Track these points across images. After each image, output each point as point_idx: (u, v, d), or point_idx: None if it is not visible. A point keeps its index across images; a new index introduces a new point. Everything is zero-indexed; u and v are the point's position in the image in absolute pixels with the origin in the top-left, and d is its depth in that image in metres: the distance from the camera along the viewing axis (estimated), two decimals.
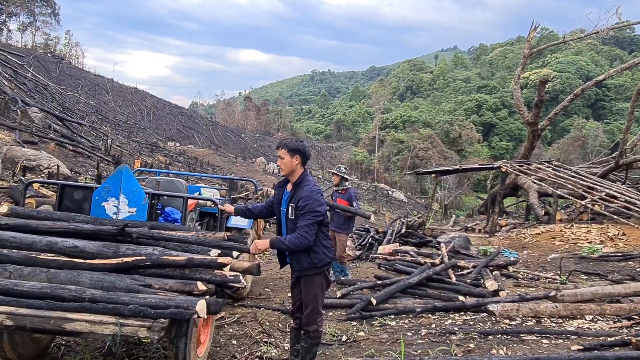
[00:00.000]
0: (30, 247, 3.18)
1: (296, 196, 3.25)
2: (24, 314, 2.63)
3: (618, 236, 11.81)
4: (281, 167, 3.36)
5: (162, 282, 3.00)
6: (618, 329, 4.68)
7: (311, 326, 3.36)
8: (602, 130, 60.09)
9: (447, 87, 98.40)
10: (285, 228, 3.37)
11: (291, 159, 3.28)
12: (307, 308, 3.35)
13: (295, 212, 3.25)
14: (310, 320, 3.35)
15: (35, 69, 33.59)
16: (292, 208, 3.27)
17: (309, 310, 3.34)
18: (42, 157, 12.30)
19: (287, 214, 3.31)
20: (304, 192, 3.22)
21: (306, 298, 3.36)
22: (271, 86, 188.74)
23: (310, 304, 3.34)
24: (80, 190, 4.16)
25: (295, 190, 3.28)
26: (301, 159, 3.31)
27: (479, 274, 6.93)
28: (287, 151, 3.29)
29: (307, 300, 3.35)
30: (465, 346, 4.09)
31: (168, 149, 31.76)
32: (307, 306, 3.36)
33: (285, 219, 3.35)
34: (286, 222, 3.34)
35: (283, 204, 3.39)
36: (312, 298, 3.35)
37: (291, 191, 3.32)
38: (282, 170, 3.36)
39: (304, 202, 3.19)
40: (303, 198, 3.20)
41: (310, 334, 3.37)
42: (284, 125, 79.47)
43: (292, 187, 3.34)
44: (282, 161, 3.32)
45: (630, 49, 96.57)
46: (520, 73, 20.64)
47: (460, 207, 44.73)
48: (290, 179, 3.38)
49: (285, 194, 3.41)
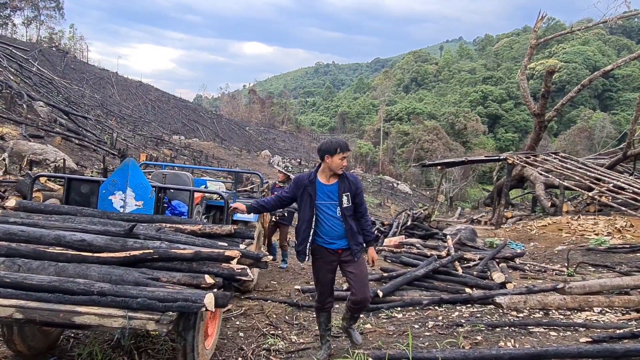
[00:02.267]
0: (39, 240, 3.18)
1: (347, 186, 3.60)
2: (34, 307, 2.64)
3: (626, 228, 11.73)
4: (344, 165, 3.60)
5: (170, 275, 2.99)
6: (627, 321, 4.65)
7: (369, 302, 3.80)
8: (610, 121, 59.53)
9: (452, 78, 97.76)
10: (342, 216, 3.60)
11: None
12: (365, 286, 3.67)
13: (351, 199, 3.60)
14: (368, 297, 3.70)
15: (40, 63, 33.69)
16: (347, 197, 3.58)
17: (367, 288, 3.70)
18: (49, 151, 12.35)
19: (341, 204, 3.57)
20: (354, 180, 3.66)
21: (361, 277, 3.66)
22: (275, 79, 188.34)
23: (365, 281, 3.70)
24: (87, 184, 4.16)
25: (344, 182, 3.61)
26: None
27: (486, 266, 6.91)
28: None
29: (362, 279, 3.66)
30: (473, 338, 4.08)
31: (173, 143, 31.83)
32: (364, 285, 3.67)
33: (339, 209, 3.59)
34: (342, 211, 3.59)
35: (324, 196, 3.60)
36: (366, 274, 3.75)
37: (340, 183, 3.60)
38: (342, 169, 3.60)
39: (360, 188, 3.68)
40: (357, 186, 3.65)
41: (365, 308, 3.89)
42: (289, 118, 79.36)
43: (337, 180, 3.61)
44: (346, 161, 3.62)
45: (638, 38, 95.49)
46: (526, 64, 20.46)
47: (466, 199, 44.61)
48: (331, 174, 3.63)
49: (323, 187, 3.61)
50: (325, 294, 3.79)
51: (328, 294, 3.80)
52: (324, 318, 3.85)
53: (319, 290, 3.82)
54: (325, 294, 3.79)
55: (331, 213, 3.61)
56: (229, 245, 3.53)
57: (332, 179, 3.63)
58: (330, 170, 3.60)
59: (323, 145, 3.62)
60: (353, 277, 3.66)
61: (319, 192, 3.61)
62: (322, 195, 3.61)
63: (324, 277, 3.76)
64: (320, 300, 3.81)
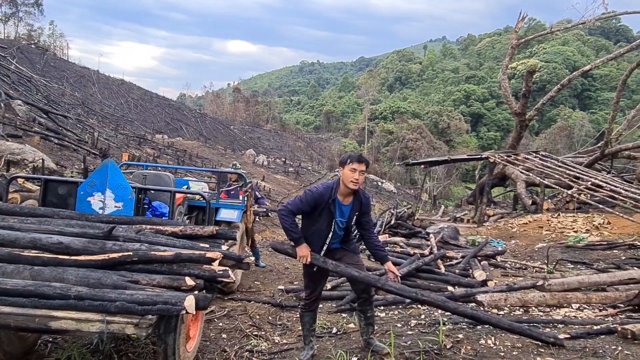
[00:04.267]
0: (14, 243, 3.11)
1: (359, 206, 3.63)
2: (8, 312, 2.58)
3: (603, 225, 12.00)
4: (359, 181, 3.47)
5: (150, 277, 2.95)
6: (604, 317, 4.75)
7: (372, 289, 3.81)
8: (588, 120, 60.73)
9: (436, 77, 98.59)
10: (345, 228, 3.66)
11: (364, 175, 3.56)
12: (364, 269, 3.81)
13: (359, 216, 3.68)
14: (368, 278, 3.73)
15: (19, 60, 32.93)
16: (356, 215, 3.64)
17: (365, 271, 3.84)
18: (27, 151, 12.08)
19: (350, 220, 3.63)
20: (366, 202, 3.69)
21: (358, 264, 3.75)
22: (260, 77, 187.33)
23: (363, 267, 3.84)
24: (64, 185, 4.09)
25: (357, 202, 3.61)
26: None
27: (468, 264, 7.00)
28: (366, 168, 3.50)
29: (359, 266, 3.75)
30: (454, 336, 4.12)
31: (156, 142, 31.43)
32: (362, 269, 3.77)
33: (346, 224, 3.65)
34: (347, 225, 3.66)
35: (339, 214, 3.58)
36: (361, 262, 3.88)
37: (354, 203, 3.60)
38: (357, 185, 3.48)
39: (369, 208, 3.76)
40: (367, 204, 3.71)
41: (373, 297, 3.91)
42: (274, 117, 79.02)
43: (353, 200, 3.59)
44: (361, 177, 3.48)
45: (616, 39, 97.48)
46: (507, 63, 20.74)
47: (449, 197, 45.05)
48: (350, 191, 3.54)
49: (341, 206, 3.57)
50: (315, 294, 3.80)
51: (318, 294, 3.83)
52: (308, 318, 3.84)
53: (310, 288, 3.81)
54: (315, 294, 3.80)
55: (338, 228, 3.65)
56: (211, 246, 3.51)
57: (347, 198, 3.60)
58: (344, 184, 3.50)
59: (341, 157, 3.63)
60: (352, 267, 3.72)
61: (337, 210, 3.58)
62: (338, 213, 3.60)
63: (318, 275, 3.76)
64: (311, 298, 3.81)
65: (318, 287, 3.81)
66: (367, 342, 3.84)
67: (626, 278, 5.75)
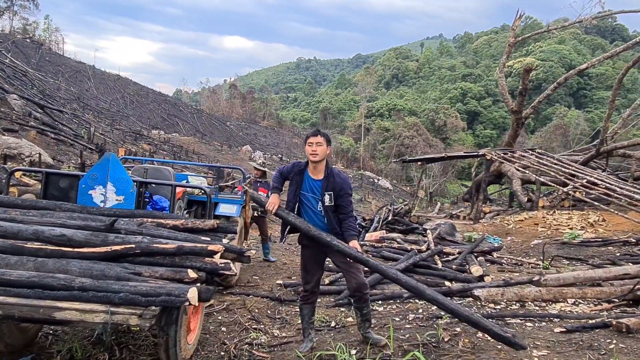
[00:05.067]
0: (16, 235, 3.13)
1: (332, 185, 3.62)
2: (12, 303, 2.59)
3: (598, 222, 12.10)
4: (317, 152, 3.61)
5: (152, 270, 2.98)
6: (599, 311, 4.82)
7: (365, 288, 3.73)
8: (584, 119, 60.99)
9: (433, 75, 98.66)
10: (324, 213, 3.66)
11: (326, 146, 3.64)
12: (357, 271, 3.70)
13: (334, 199, 3.63)
14: (363, 281, 3.71)
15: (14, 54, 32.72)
16: (329, 196, 3.62)
17: (360, 272, 3.72)
18: (23, 145, 12.05)
19: (323, 202, 3.63)
20: (340, 181, 3.66)
21: (351, 263, 3.68)
22: (256, 74, 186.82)
23: (357, 266, 3.71)
24: (66, 179, 4.10)
25: (330, 180, 3.64)
26: (329, 148, 3.70)
27: (464, 259, 7.05)
28: (324, 140, 3.65)
29: (352, 265, 3.68)
30: (452, 330, 4.17)
31: (152, 137, 31.33)
32: (355, 270, 3.69)
33: (321, 206, 3.65)
34: (324, 209, 3.65)
35: (308, 189, 3.68)
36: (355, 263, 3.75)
37: (324, 181, 3.64)
38: (316, 156, 3.61)
39: (346, 190, 3.66)
40: (343, 187, 3.64)
41: (366, 295, 3.75)
42: (270, 114, 78.90)
43: (324, 177, 3.65)
44: (319, 147, 3.61)
45: (611, 38, 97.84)
46: (505, 61, 20.80)
47: (445, 194, 45.22)
48: (317, 167, 3.66)
49: (310, 181, 3.68)
50: (310, 283, 3.81)
51: (314, 284, 3.82)
52: (307, 311, 3.87)
53: (305, 280, 3.84)
54: (310, 283, 3.81)
55: (312, 207, 3.70)
56: (211, 239, 3.53)
57: (319, 174, 3.68)
58: (309, 160, 3.68)
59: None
60: (343, 265, 3.71)
61: (305, 183, 3.69)
62: (307, 186, 3.68)
63: (311, 267, 3.80)
64: (307, 289, 3.82)
65: (313, 278, 3.82)
66: (365, 336, 3.90)
67: (621, 273, 5.82)
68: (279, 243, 6.45)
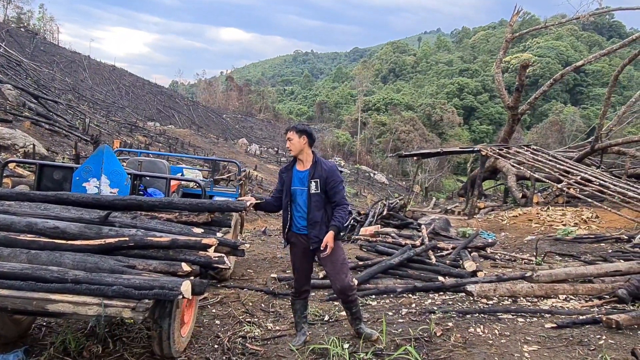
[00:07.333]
0: (9, 227, 3.12)
1: (318, 173, 3.57)
2: (5, 295, 2.59)
3: (591, 219, 12.19)
4: (290, 148, 3.63)
5: (146, 263, 2.98)
6: (590, 307, 4.87)
7: (351, 290, 3.64)
8: (579, 115, 61.26)
9: (430, 70, 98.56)
10: (307, 202, 3.60)
11: (299, 139, 3.60)
12: (341, 273, 3.61)
13: (321, 187, 3.56)
14: (347, 284, 3.62)
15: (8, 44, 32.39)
16: (315, 183, 3.56)
17: (344, 275, 3.61)
18: (17, 136, 11.97)
19: (309, 190, 3.58)
20: (327, 168, 3.60)
21: (336, 265, 3.61)
22: (253, 66, 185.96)
23: (342, 269, 3.62)
24: (60, 170, 4.08)
25: (316, 168, 3.60)
26: (308, 140, 3.62)
27: (458, 255, 7.09)
28: (295, 132, 3.62)
29: (337, 266, 3.61)
30: (444, 325, 4.20)
31: (148, 129, 31.20)
32: (339, 272, 3.61)
33: (307, 195, 3.60)
34: (309, 197, 3.59)
35: (297, 182, 3.66)
36: (342, 261, 3.65)
37: (311, 169, 3.62)
38: (292, 151, 3.64)
39: (332, 177, 3.58)
40: (329, 174, 3.58)
41: (352, 296, 3.68)
42: (267, 106, 78.70)
43: (310, 166, 3.63)
44: (290, 142, 3.62)
45: (608, 35, 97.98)
46: (502, 57, 20.80)
47: (441, 189, 45.34)
48: (301, 159, 3.66)
49: (298, 174, 3.67)
50: (300, 281, 3.83)
51: (303, 281, 3.83)
52: (299, 305, 3.89)
53: (295, 277, 3.88)
54: (300, 281, 3.83)
55: (301, 200, 3.65)
56: (206, 233, 3.53)
57: (306, 165, 3.68)
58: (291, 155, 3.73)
59: None
60: (327, 265, 3.69)
61: (294, 178, 3.69)
62: (296, 181, 3.68)
63: (299, 264, 3.80)
64: (296, 287, 3.85)
65: (302, 273, 3.83)
66: (357, 331, 3.92)
67: (612, 270, 5.87)
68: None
